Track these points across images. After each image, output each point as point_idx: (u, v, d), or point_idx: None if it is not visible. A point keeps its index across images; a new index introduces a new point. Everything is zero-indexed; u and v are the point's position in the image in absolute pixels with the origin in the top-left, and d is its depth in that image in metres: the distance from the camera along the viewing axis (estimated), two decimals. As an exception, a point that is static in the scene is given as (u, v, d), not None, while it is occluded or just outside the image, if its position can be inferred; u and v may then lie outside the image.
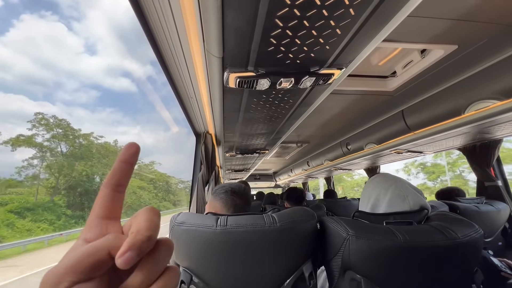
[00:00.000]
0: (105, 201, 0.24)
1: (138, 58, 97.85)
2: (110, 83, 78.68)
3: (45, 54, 63.43)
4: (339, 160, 2.94)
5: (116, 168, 0.24)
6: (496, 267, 1.08)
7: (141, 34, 0.86)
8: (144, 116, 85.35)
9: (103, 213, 0.24)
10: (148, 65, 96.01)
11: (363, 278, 0.69)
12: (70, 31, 76.10)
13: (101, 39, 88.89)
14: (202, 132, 1.96)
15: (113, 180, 0.24)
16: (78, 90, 64.68)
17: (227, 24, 0.59)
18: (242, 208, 0.94)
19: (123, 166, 0.24)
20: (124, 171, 0.24)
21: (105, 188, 0.24)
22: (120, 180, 0.25)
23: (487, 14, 0.91)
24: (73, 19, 78.19)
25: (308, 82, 0.87)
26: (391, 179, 0.85)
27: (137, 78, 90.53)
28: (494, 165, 1.96)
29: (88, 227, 0.24)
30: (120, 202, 0.25)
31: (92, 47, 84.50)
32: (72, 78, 67.13)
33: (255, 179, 6.56)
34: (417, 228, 0.74)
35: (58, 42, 67.73)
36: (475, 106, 1.26)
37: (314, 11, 0.56)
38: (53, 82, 61.45)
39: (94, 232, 0.23)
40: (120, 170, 0.24)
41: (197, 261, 0.75)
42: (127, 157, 0.24)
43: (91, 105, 68.78)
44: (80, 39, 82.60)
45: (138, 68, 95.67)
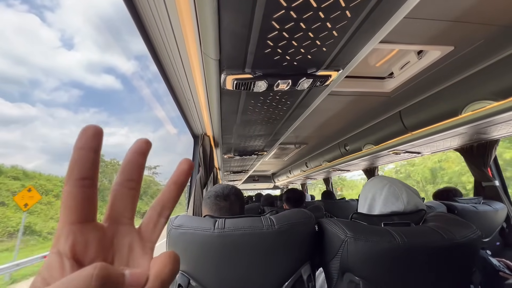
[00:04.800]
0: (71, 202, 0.20)
1: (134, 60, 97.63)
2: (111, 84, 78.46)
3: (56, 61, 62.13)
4: (337, 161, 2.94)
5: (74, 158, 0.20)
6: (494, 267, 1.08)
7: (137, 36, 0.86)
8: (133, 116, 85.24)
9: (72, 218, 0.20)
10: (144, 67, 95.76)
11: (361, 280, 0.69)
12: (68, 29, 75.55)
13: (96, 41, 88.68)
14: (200, 134, 1.96)
15: (74, 174, 0.20)
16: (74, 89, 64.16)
17: (224, 27, 0.59)
18: (228, 210, 0.94)
19: (83, 154, 0.20)
20: (85, 160, 0.20)
21: (67, 186, 0.20)
22: (83, 172, 0.20)
23: (483, 16, 0.91)
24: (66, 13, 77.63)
25: (306, 83, 0.87)
26: (386, 179, 0.88)
27: (133, 80, 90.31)
28: (491, 165, 1.98)
29: (58, 237, 0.20)
30: (91, 199, 0.20)
31: (86, 46, 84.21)
32: (72, 78, 66.69)
33: (254, 180, 6.55)
34: (415, 229, 0.74)
35: (64, 44, 66.68)
36: (472, 106, 1.27)
37: (311, 14, 0.56)
38: (64, 84, 60.52)
39: (67, 242, 0.19)
40: (80, 159, 0.20)
41: (194, 264, 0.75)
42: (85, 142, 0.20)
43: (92, 105, 68.49)
44: (74, 39, 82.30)
45: (134, 69, 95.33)
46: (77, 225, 0.20)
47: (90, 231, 0.21)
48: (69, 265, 0.19)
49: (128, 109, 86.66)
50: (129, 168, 0.23)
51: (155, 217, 0.23)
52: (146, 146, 0.23)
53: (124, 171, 0.23)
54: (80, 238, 0.20)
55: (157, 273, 0.19)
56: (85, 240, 0.20)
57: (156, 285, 0.19)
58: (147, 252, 0.22)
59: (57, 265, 0.19)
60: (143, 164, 0.23)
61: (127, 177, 0.23)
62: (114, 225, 0.22)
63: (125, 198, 0.23)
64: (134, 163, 0.23)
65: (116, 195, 0.23)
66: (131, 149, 0.23)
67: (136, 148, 0.23)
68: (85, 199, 0.20)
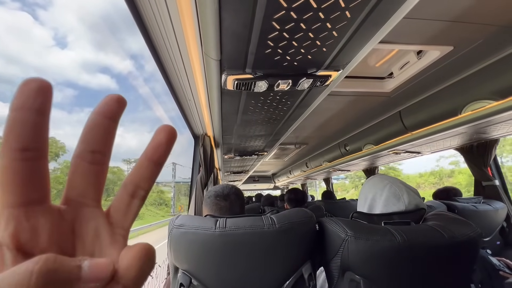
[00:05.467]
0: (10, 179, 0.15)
1: (134, 61, 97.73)
2: (111, 84, 78.54)
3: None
4: (337, 161, 2.94)
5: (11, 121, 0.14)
6: (494, 266, 1.09)
7: (138, 36, 0.87)
8: (134, 117, 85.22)
9: (13, 199, 0.15)
10: (145, 68, 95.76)
11: (362, 278, 0.69)
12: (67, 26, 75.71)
13: (97, 42, 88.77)
14: (201, 135, 1.96)
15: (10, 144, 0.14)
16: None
17: (225, 27, 0.60)
18: (229, 209, 0.95)
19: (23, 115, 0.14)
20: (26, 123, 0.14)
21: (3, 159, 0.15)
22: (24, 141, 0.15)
23: (482, 16, 0.92)
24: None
25: (306, 84, 0.87)
26: (387, 179, 0.87)
27: (133, 80, 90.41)
28: (491, 164, 1.98)
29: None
30: (38, 175, 0.15)
31: (87, 46, 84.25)
32: (72, 77, 66.63)
33: (254, 181, 6.55)
34: (415, 228, 0.74)
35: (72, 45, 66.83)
36: (472, 106, 1.27)
37: (311, 14, 0.57)
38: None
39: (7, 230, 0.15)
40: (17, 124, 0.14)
41: (196, 264, 0.75)
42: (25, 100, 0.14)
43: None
44: (74, 39, 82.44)
45: (135, 69, 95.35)
46: (21, 208, 0.15)
47: (40, 215, 0.16)
48: (10, 257, 0.15)
49: (131, 110, 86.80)
50: (93, 135, 0.17)
51: (126, 199, 0.19)
52: (117, 106, 0.18)
53: (86, 139, 0.17)
54: (26, 224, 0.15)
55: (128, 266, 0.16)
56: (33, 227, 0.16)
57: (127, 281, 0.15)
58: (118, 240, 0.18)
59: None
60: (113, 131, 0.18)
61: (90, 148, 0.17)
62: (74, 207, 0.18)
63: (87, 174, 0.18)
64: (99, 129, 0.17)
65: (76, 170, 0.18)
66: (95, 110, 0.17)
67: (103, 108, 0.17)
68: (30, 175, 0.15)
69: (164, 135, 0.18)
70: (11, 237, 0.15)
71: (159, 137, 0.18)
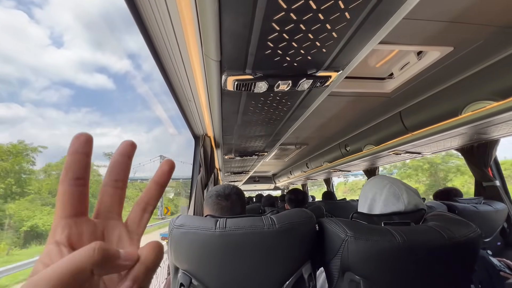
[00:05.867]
0: (66, 199, 0.22)
1: (135, 61, 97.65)
2: (111, 85, 78.54)
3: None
4: (338, 161, 2.94)
5: (69, 161, 0.22)
6: (495, 267, 1.09)
7: (139, 37, 0.87)
8: (134, 117, 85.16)
9: (67, 212, 0.23)
10: (145, 68, 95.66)
11: (362, 279, 0.70)
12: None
13: (97, 42, 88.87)
14: (201, 135, 1.97)
15: (69, 175, 0.22)
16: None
17: (225, 28, 0.60)
18: (230, 209, 0.95)
19: (76, 157, 0.22)
20: (78, 162, 0.22)
21: (62, 185, 0.22)
22: (77, 173, 0.22)
23: (482, 16, 0.92)
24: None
25: (306, 84, 0.87)
26: (386, 179, 0.88)
27: (133, 80, 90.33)
28: (492, 165, 1.98)
29: (55, 229, 0.22)
30: (83, 196, 0.23)
31: (87, 46, 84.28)
32: (69, 77, 66.40)
33: (255, 181, 6.55)
34: (415, 228, 0.74)
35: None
36: (472, 107, 1.27)
37: (310, 15, 0.57)
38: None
39: (63, 233, 0.22)
40: (74, 162, 0.22)
41: (196, 264, 0.75)
42: (77, 147, 0.23)
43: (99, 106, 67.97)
44: (79, 41, 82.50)
45: (134, 70, 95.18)
46: (72, 219, 0.23)
47: (83, 224, 0.23)
48: (66, 251, 0.21)
49: (130, 110, 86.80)
50: (116, 169, 0.25)
51: (139, 213, 0.26)
52: (131, 148, 0.26)
53: (111, 172, 0.25)
54: (75, 230, 0.23)
55: (142, 260, 0.22)
56: (79, 232, 0.23)
57: (141, 269, 0.21)
58: (134, 243, 0.25)
59: (56, 252, 0.21)
60: (129, 165, 0.26)
61: (114, 178, 0.25)
62: (103, 220, 0.25)
63: (112, 197, 0.25)
64: (120, 164, 0.25)
65: (104, 194, 0.25)
66: (117, 151, 0.25)
67: (121, 150, 0.25)
68: (79, 196, 0.23)
69: (167, 166, 0.27)
70: (66, 238, 0.22)
71: (164, 167, 0.26)
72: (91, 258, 0.18)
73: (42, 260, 0.20)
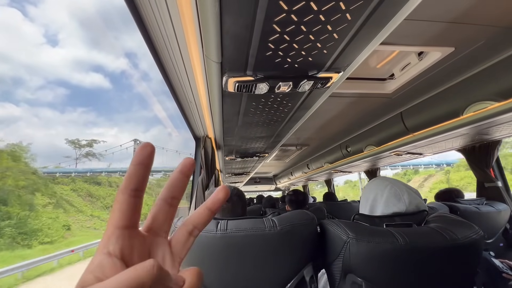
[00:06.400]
0: (124, 209, 0.22)
1: (136, 61, 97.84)
2: (110, 85, 78.85)
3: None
4: (339, 162, 2.94)
5: (132, 171, 0.22)
6: (497, 269, 1.08)
7: (140, 39, 0.87)
8: (133, 117, 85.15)
9: (123, 222, 0.22)
10: (146, 69, 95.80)
11: (364, 281, 0.69)
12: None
13: (97, 42, 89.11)
14: (202, 136, 1.97)
15: (130, 185, 0.22)
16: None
17: (226, 30, 0.60)
18: (231, 211, 0.95)
19: (139, 168, 0.22)
20: (140, 174, 0.23)
21: (123, 194, 0.22)
22: (137, 184, 0.23)
23: (483, 17, 0.92)
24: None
25: (307, 85, 0.87)
26: (387, 180, 0.88)
27: (133, 80, 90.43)
28: (494, 166, 1.97)
29: (108, 238, 0.22)
30: (138, 208, 0.23)
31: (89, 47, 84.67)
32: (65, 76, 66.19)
33: (255, 182, 6.55)
34: (417, 230, 0.74)
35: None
36: (473, 107, 1.27)
37: (311, 16, 0.57)
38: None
39: (117, 244, 0.22)
40: (136, 173, 0.22)
41: (197, 266, 0.75)
42: (142, 159, 0.22)
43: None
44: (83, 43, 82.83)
45: (135, 70, 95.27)
46: (126, 230, 0.22)
47: (135, 236, 0.23)
48: (120, 265, 0.21)
49: (127, 110, 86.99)
50: (174, 186, 0.25)
51: (186, 235, 0.25)
52: (191, 167, 0.25)
53: (170, 188, 0.25)
54: (128, 242, 0.22)
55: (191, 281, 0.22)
56: (131, 245, 0.22)
57: None
58: (176, 265, 0.24)
59: (109, 264, 0.20)
60: (186, 184, 0.26)
61: (171, 195, 0.25)
62: (152, 235, 0.25)
63: (165, 213, 0.25)
64: (179, 182, 0.25)
65: (159, 209, 0.25)
66: (178, 169, 0.25)
67: (182, 168, 0.25)
68: (135, 207, 0.23)
69: (222, 194, 0.26)
70: (120, 250, 0.21)
71: (219, 195, 0.26)
72: (151, 275, 0.18)
73: (93, 271, 0.20)
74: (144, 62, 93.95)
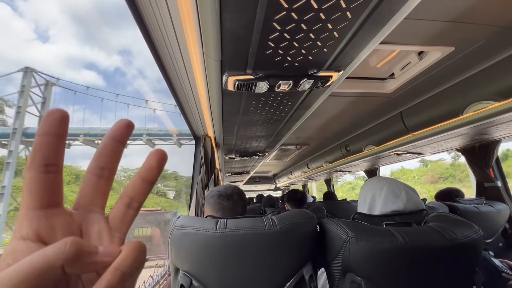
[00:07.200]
0: (35, 188, 0.19)
1: (136, 61, 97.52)
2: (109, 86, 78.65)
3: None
4: (338, 162, 2.94)
5: (38, 143, 0.19)
6: (497, 268, 1.08)
7: (139, 37, 0.87)
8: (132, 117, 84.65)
9: (36, 203, 0.19)
10: (147, 68, 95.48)
11: (363, 280, 0.69)
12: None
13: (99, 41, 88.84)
14: (201, 135, 1.96)
15: (37, 160, 0.19)
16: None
17: (225, 28, 0.60)
18: (231, 209, 0.95)
19: (47, 139, 0.19)
20: (49, 145, 0.19)
21: (29, 171, 0.19)
22: (47, 158, 0.19)
23: (483, 16, 0.92)
24: (73, 23, 77.26)
25: (307, 84, 0.87)
26: (385, 179, 0.88)
27: (131, 77, 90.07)
28: (493, 165, 1.97)
29: (21, 222, 0.19)
30: (55, 185, 0.20)
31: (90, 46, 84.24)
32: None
33: (255, 181, 6.55)
34: (417, 229, 0.74)
35: None
36: (473, 107, 1.27)
37: (312, 15, 0.57)
38: None
39: (31, 226, 0.19)
40: (44, 145, 0.19)
41: (196, 265, 0.75)
42: (49, 127, 0.19)
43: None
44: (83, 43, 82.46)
45: (136, 71, 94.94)
46: (42, 210, 0.19)
47: (56, 216, 0.20)
48: (35, 247, 0.18)
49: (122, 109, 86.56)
50: (104, 155, 0.22)
51: (123, 208, 0.22)
52: (126, 130, 0.22)
53: (99, 158, 0.22)
54: (45, 223, 0.19)
55: (117, 263, 0.18)
56: (51, 225, 0.20)
57: (116, 275, 0.18)
58: (115, 241, 0.22)
59: (22, 248, 0.18)
60: (120, 152, 0.22)
61: (101, 165, 0.22)
62: (82, 212, 0.22)
63: (96, 186, 0.22)
64: (110, 150, 0.22)
65: (88, 182, 0.22)
66: (108, 134, 0.22)
67: (114, 133, 0.22)
68: (50, 185, 0.19)
69: (155, 159, 0.22)
70: (34, 232, 0.19)
71: (151, 161, 0.22)
72: (62, 253, 0.16)
73: (5, 259, 0.18)
74: (144, 60, 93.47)
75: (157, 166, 0.22)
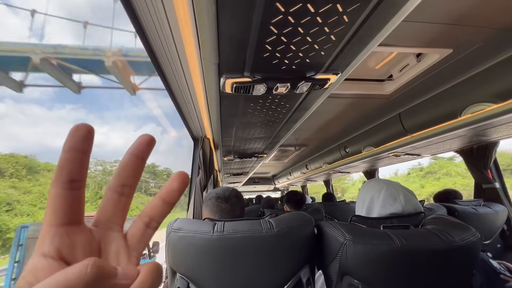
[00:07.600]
0: (58, 204, 0.19)
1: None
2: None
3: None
4: (337, 163, 2.94)
5: (64, 159, 0.19)
6: (495, 270, 1.08)
7: (137, 40, 0.87)
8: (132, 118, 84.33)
9: (58, 220, 0.19)
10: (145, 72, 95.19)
11: (360, 283, 0.69)
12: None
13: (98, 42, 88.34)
14: (200, 137, 1.96)
15: (63, 176, 0.19)
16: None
17: (223, 31, 0.60)
18: (229, 211, 0.95)
19: (73, 155, 0.19)
20: (75, 161, 0.19)
21: (55, 187, 0.19)
22: (72, 174, 0.19)
23: (481, 19, 0.92)
24: (72, 24, 76.86)
25: (305, 87, 0.87)
26: (383, 182, 0.88)
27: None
28: (492, 167, 1.97)
29: (43, 239, 0.19)
30: (78, 201, 0.20)
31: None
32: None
33: (254, 182, 6.55)
34: (414, 232, 0.74)
35: None
36: (471, 109, 1.27)
37: (308, 18, 0.57)
38: None
39: (53, 243, 0.19)
40: (69, 161, 0.19)
41: (194, 268, 0.75)
42: (75, 143, 0.19)
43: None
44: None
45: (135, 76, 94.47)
46: (64, 227, 0.20)
47: (77, 233, 0.20)
48: (57, 266, 0.18)
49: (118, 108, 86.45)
50: (125, 172, 0.22)
51: (142, 228, 0.23)
52: (147, 147, 0.22)
53: (120, 175, 0.22)
54: (67, 240, 0.20)
55: (143, 278, 0.19)
56: (72, 243, 0.20)
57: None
58: (133, 260, 0.22)
59: (43, 266, 0.18)
60: (141, 169, 0.22)
61: (122, 182, 0.22)
62: (102, 229, 0.22)
63: (116, 204, 0.22)
64: (131, 167, 0.22)
65: (107, 200, 0.22)
66: (129, 150, 0.22)
67: (135, 150, 0.22)
68: (73, 201, 0.20)
69: (177, 183, 0.22)
70: (56, 250, 0.19)
71: (173, 184, 0.22)
72: (84, 276, 0.16)
73: (26, 276, 0.18)
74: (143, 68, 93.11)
75: (178, 189, 0.23)
